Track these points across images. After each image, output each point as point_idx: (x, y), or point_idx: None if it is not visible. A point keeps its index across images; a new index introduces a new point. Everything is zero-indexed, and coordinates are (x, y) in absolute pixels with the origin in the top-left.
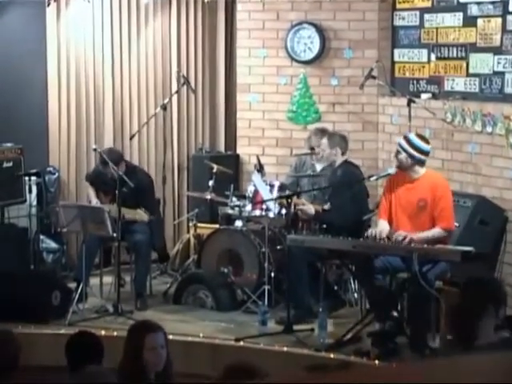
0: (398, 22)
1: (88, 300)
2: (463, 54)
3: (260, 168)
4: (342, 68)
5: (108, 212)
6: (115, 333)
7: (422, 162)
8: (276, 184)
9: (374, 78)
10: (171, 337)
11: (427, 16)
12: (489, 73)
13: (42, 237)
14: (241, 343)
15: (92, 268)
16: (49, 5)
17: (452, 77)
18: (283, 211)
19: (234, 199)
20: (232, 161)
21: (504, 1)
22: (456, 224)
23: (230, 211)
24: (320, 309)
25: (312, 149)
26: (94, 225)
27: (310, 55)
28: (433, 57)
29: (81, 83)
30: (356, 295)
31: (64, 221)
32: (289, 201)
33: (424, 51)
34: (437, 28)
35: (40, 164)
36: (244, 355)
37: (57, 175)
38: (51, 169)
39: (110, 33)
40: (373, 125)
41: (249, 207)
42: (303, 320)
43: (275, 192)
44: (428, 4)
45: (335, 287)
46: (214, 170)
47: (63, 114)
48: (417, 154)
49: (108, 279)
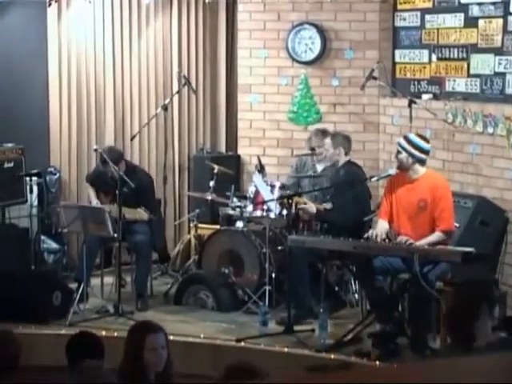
0: (399, 23)
1: (89, 300)
2: (464, 55)
3: (261, 168)
4: (343, 69)
5: (109, 212)
6: (116, 333)
7: (423, 161)
8: (277, 184)
9: (375, 79)
10: (172, 337)
11: (428, 17)
12: (490, 73)
13: (43, 237)
14: (241, 344)
15: (93, 268)
16: (50, 5)
17: (453, 77)
18: (284, 212)
19: (235, 200)
20: (233, 161)
21: (505, 1)
22: (456, 224)
23: (231, 212)
24: (321, 309)
25: (312, 149)
26: (95, 225)
27: (311, 56)
28: (434, 57)
29: (82, 83)
30: (357, 296)
31: (65, 221)
32: (290, 201)
33: (425, 52)
34: (438, 29)
35: (41, 164)
36: (245, 356)
37: (58, 175)
38: (52, 169)
39: (111, 33)
40: (374, 125)
41: (250, 208)
42: (304, 320)
43: (276, 192)
44: (429, 5)
45: (336, 288)
46: (215, 171)
47: (64, 115)
48: (417, 153)
49: (109, 279)
